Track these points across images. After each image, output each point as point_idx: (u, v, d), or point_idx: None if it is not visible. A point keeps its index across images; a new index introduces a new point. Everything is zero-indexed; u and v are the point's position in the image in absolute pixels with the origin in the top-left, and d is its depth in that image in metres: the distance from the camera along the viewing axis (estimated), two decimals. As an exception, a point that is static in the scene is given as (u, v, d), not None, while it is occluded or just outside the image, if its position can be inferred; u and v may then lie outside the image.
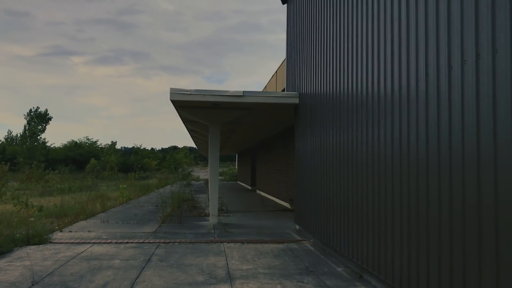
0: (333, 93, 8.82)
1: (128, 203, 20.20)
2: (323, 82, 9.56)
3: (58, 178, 43.10)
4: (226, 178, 54.64)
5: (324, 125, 9.33)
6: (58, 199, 22.10)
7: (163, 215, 14.16)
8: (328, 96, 9.11)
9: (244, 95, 11.53)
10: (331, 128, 8.81)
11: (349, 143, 7.77)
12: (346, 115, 7.94)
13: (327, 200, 9.03)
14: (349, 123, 7.75)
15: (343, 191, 8.07)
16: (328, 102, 9.08)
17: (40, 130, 77.36)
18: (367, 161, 6.90)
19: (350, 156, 7.66)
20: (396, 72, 5.98)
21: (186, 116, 13.70)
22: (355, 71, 7.52)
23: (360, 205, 7.15)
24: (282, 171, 19.92)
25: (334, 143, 8.62)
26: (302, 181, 11.34)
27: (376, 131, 6.60)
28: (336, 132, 8.52)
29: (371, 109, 6.79)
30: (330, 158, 8.88)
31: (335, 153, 8.54)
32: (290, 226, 12.74)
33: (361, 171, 7.14)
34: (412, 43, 5.52)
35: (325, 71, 9.37)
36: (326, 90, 9.29)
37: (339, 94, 8.38)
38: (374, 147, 6.66)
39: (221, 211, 16.31)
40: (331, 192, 8.70)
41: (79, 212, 14.78)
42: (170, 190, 27.74)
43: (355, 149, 7.44)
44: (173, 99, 11.40)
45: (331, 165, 8.74)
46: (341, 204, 8.10)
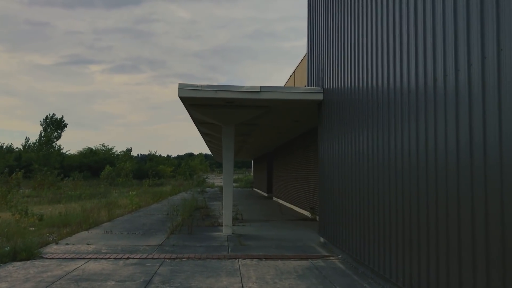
0: (368, 87, 7.48)
1: (138, 211, 19.02)
2: (355, 75, 8.23)
3: (71, 184, 42.40)
4: (241, 184, 53.41)
5: (356, 125, 7.99)
6: (66, 206, 21.09)
7: (172, 225, 12.90)
8: (362, 90, 7.77)
9: (261, 90, 10.25)
10: (366, 128, 7.47)
11: (394, 145, 6.42)
12: (387, 113, 6.59)
13: (360, 211, 7.67)
14: (391, 122, 6.40)
15: (382, 202, 6.71)
16: (362, 98, 7.74)
17: (56, 137, 77.22)
18: (417, 168, 5.54)
19: (394, 161, 6.31)
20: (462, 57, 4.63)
21: (198, 116, 12.46)
22: (400, 60, 6.19)
23: (410, 220, 5.77)
24: (302, 178, 18.54)
25: (370, 146, 7.27)
26: (327, 188, 9.99)
27: (431, 131, 5.24)
28: (372, 133, 7.17)
29: (423, 104, 5.44)
30: (364, 163, 7.52)
31: (372, 158, 7.19)
32: (313, 238, 11.37)
33: (408, 179, 5.78)
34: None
35: (359, 63, 8.04)
36: (359, 84, 7.96)
37: (377, 88, 7.04)
38: (428, 152, 5.30)
39: (236, 220, 15.03)
40: (366, 203, 7.34)
41: (82, 221, 13.62)
42: (183, 198, 26.62)
43: (401, 153, 6.09)
44: (182, 96, 10.17)
45: (366, 171, 7.38)
46: (380, 217, 6.73)
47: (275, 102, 10.70)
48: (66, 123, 78.36)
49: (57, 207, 20.84)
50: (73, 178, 47.16)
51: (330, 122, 9.88)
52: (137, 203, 19.87)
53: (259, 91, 10.23)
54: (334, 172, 9.45)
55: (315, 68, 11.55)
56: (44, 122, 76.94)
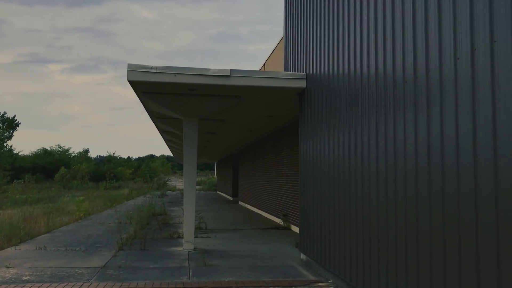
0: (370, 71, 5.73)
1: (87, 218, 16.71)
2: (354, 57, 6.47)
3: (21, 187, 39.20)
4: (204, 188, 51.22)
5: (355, 117, 6.22)
6: (5, 213, 18.51)
7: (122, 237, 10.81)
8: (365, 75, 6.01)
9: (232, 75, 8.34)
10: (368, 121, 5.71)
11: (403, 141, 4.66)
12: (402, 101, 4.83)
13: (358, 225, 5.89)
14: (400, 112, 4.65)
15: (395, 212, 4.94)
16: (364, 84, 5.98)
17: (7, 137, 72.72)
18: (442, 167, 3.79)
19: (403, 161, 4.55)
20: None
21: (153, 107, 10.42)
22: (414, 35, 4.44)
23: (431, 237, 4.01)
24: (273, 181, 16.72)
25: (373, 143, 5.50)
26: (310, 195, 8.20)
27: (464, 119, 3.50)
28: (378, 126, 5.41)
29: (441, 92, 3.69)
30: (364, 164, 5.75)
31: (376, 157, 5.42)
32: (291, 253, 9.55)
33: (427, 183, 4.03)
34: None
35: (359, 42, 6.28)
36: (360, 68, 6.20)
37: (385, 71, 5.29)
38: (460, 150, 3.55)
39: (199, 229, 13.04)
40: (372, 213, 5.56)
41: (14, 233, 11.31)
42: (141, 202, 24.38)
43: (415, 150, 4.34)
44: (132, 80, 8.14)
45: (367, 174, 5.62)
46: (387, 233, 4.96)
47: (249, 90, 8.82)
48: (18, 122, 73.87)
49: (-6, 214, 18.23)
50: (24, 180, 43.91)
51: (315, 115, 8.09)
52: (85, 209, 17.51)
53: (229, 76, 8.32)
54: (320, 175, 7.66)
55: (295, 51, 9.75)
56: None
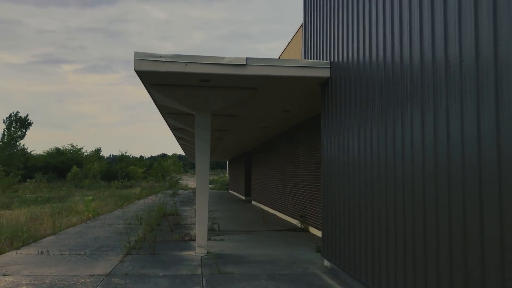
0: (413, 53, 4.95)
1: (96, 219, 16.10)
2: (389, 39, 5.69)
3: (33, 187, 38.94)
4: (216, 186, 50.60)
5: (393, 110, 5.44)
6: (13, 213, 18.01)
7: (131, 240, 10.13)
8: (402, 59, 5.23)
9: (248, 64, 7.60)
10: (410, 110, 4.93)
11: (446, 136, 3.88)
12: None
13: (399, 229, 5.11)
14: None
15: (449, 219, 4.17)
16: (403, 70, 5.20)
17: (20, 136, 72.86)
18: None
19: (445, 158, 3.77)
20: None
21: (163, 101, 9.70)
22: None
23: None
24: (288, 180, 15.95)
25: (418, 136, 4.72)
26: (336, 196, 7.42)
27: None
28: (425, 116, 4.63)
29: None
30: (405, 161, 4.97)
31: (419, 154, 4.64)
32: (312, 259, 8.78)
33: None
34: None
35: (396, 22, 5.49)
36: (395, 52, 5.43)
37: (432, 54, 4.51)
38: None
39: (212, 231, 12.34)
40: (417, 218, 4.77)
41: (17, 235, 10.70)
42: (152, 202, 23.80)
43: (461, 145, 3.56)
44: (140, 70, 7.43)
45: (412, 174, 4.83)
46: (441, 241, 4.18)
47: (266, 80, 8.07)
48: (31, 121, 73.93)
49: (3, 214, 17.73)
50: (36, 180, 43.74)
51: (341, 107, 7.32)
52: (94, 209, 16.90)
53: (245, 65, 7.58)
54: (348, 175, 6.89)
55: (317, 38, 8.96)
56: (8, 120, 72.43)
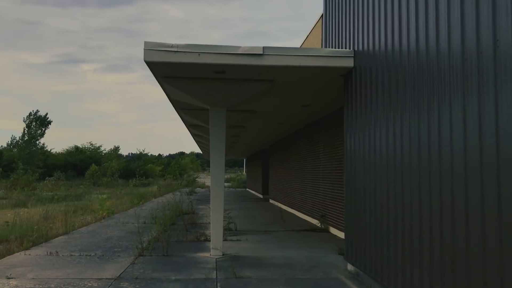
0: (453, 39, 4.39)
1: (111, 217, 15.80)
2: (422, 24, 5.12)
3: (51, 185, 39.12)
4: (233, 185, 50.18)
5: (425, 100, 4.88)
6: (29, 211, 17.86)
7: (143, 241, 9.72)
8: (438, 45, 4.67)
9: (265, 53, 7.09)
10: (448, 102, 4.37)
11: None
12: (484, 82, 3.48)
13: (435, 232, 4.56)
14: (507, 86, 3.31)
15: (498, 219, 3.61)
16: (440, 57, 4.64)
17: (40, 135, 73.63)
18: None
19: None
20: None
21: (176, 95, 9.25)
22: None
23: None
24: (308, 178, 15.41)
25: (458, 129, 4.17)
26: (361, 196, 6.88)
27: None
28: (467, 108, 4.07)
29: None
30: (442, 158, 4.42)
31: (464, 148, 4.08)
32: (334, 262, 8.25)
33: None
34: None
35: (431, 4, 4.93)
36: (429, 37, 4.86)
37: (476, 37, 3.94)
38: None
39: (228, 231, 11.88)
40: (457, 220, 4.22)
41: (27, 235, 10.39)
42: (169, 200, 23.49)
43: None
44: (150, 61, 6.98)
45: (451, 170, 4.28)
46: (488, 243, 3.62)
47: (284, 71, 7.54)
48: (50, 120, 74.72)
49: (19, 212, 17.56)
50: (55, 178, 44.03)
51: (366, 100, 6.76)
52: (109, 208, 16.59)
53: (261, 54, 7.07)
54: (375, 173, 6.34)
55: (339, 26, 8.40)
56: (28, 119, 73.26)
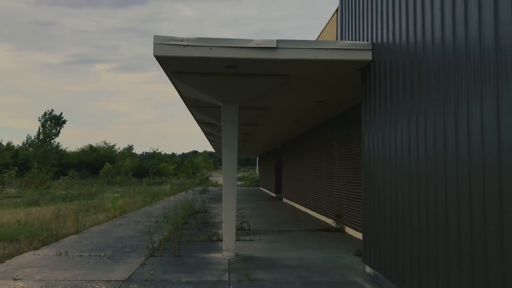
0: (484, 28, 4.06)
1: (123, 216, 15.65)
2: (449, 12, 4.79)
3: (65, 183, 39.33)
4: (246, 183, 49.96)
5: (451, 95, 4.56)
6: (41, 210, 17.83)
7: (154, 241, 9.50)
8: (467, 35, 4.34)
9: (279, 47, 6.80)
10: (479, 96, 4.04)
11: None
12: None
13: (463, 234, 4.23)
14: None
15: None
16: (469, 46, 4.31)
17: (54, 134, 74.24)
18: None
19: None
20: None
21: (187, 91, 9.01)
22: None
23: None
24: (322, 177, 15.08)
25: (491, 125, 3.84)
26: (381, 196, 6.56)
27: None
28: (502, 102, 3.74)
29: None
30: (472, 156, 4.09)
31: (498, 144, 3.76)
32: (351, 263, 7.94)
33: None
34: None
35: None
36: (457, 27, 4.53)
37: None
38: None
39: (241, 230, 11.64)
40: (490, 220, 3.89)
41: (37, 234, 10.24)
42: (182, 199, 23.36)
43: None
44: (160, 55, 6.74)
45: (482, 168, 3.95)
46: None
47: (299, 65, 7.24)
48: (65, 119, 75.24)
49: (31, 211, 17.54)
50: (69, 177, 44.31)
51: (386, 95, 6.44)
52: (121, 207, 16.45)
53: (275, 48, 6.78)
54: (396, 172, 6.01)
55: (356, 17, 8.07)
56: (43, 118, 73.90)
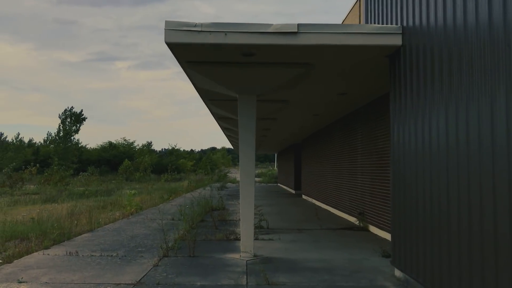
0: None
1: (139, 214, 15.30)
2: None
3: (84, 180, 39.41)
4: (265, 179, 49.53)
5: (500, 81, 3.97)
6: (58, 207, 17.63)
7: (169, 239, 9.06)
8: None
9: (301, 31, 6.25)
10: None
11: None
12: None
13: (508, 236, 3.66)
14: None
15: None
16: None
17: (74, 131, 74.86)
18: None
19: None
20: None
21: (201, 82, 8.51)
22: None
23: None
24: (344, 173, 14.48)
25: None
26: (412, 193, 5.98)
27: None
28: None
29: None
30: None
31: None
32: (378, 266, 7.37)
33: None
34: None
35: None
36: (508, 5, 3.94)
37: None
38: None
39: (259, 229, 11.16)
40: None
41: (47, 233, 9.90)
42: (199, 195, 22.99)
43: None
44: (171, 42, 6.26)
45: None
46: None
47: (322, 52, 6.68)
48: (85, 116, 75.77)
49: (47, 208, 17.35)
50: (89, 173, 44.49)
51: (418, 83, 5.85)
52: (137, 204, 16.11)
53: (296, 32, 6.24)
54: (431, 168, 5.43)
55: (383, 2, 7.47)
56: (63, 115, 74.56)
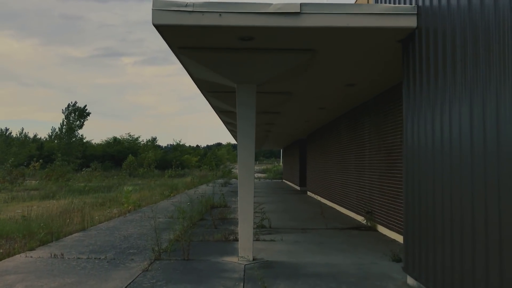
0: None
1: (137, 211, 14.71)
2: None
3: (87, 175, 38.98)
4: (270, 175, 48.91)
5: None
6: (54, 204, 17.09)
7: (165, 239, 8.44)
8: None
9: (304, 12, 5.58)
10: None
11: None
12: None
13: None
14: None
15: None
16: None
17: (78, 126, 74.49)
18: None
19: None
20: None
21: (198, 73, 7.86)
22: None
23: None
24: (351, 170, 13.80)
25: None
26: (429, 193, 5.31)
27: None
28: None
29: None
30: None
31: None
32: (388, 271, 6.71)
33: None
34: None
35: None
36: None
37: None
38: None
39: (261, 228, 10.55)
40: None
41: (34, 232, 9.31)
42: (202, 192, 22.43)
43: None
44: (160, 23, 5.60)
45: None
46: None
47: (327, 36, 6.01)
48: (89, 112, 75.37)
49: (44, 205, 16.81)
50: (92, 169, 44.12)
51: (436, 71, 5.17)
52: (134, 201, 15.51)
53: (299, 13, 5.57)
54: (451, 166, 4.76)
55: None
56: (66, 110, 74.20)
